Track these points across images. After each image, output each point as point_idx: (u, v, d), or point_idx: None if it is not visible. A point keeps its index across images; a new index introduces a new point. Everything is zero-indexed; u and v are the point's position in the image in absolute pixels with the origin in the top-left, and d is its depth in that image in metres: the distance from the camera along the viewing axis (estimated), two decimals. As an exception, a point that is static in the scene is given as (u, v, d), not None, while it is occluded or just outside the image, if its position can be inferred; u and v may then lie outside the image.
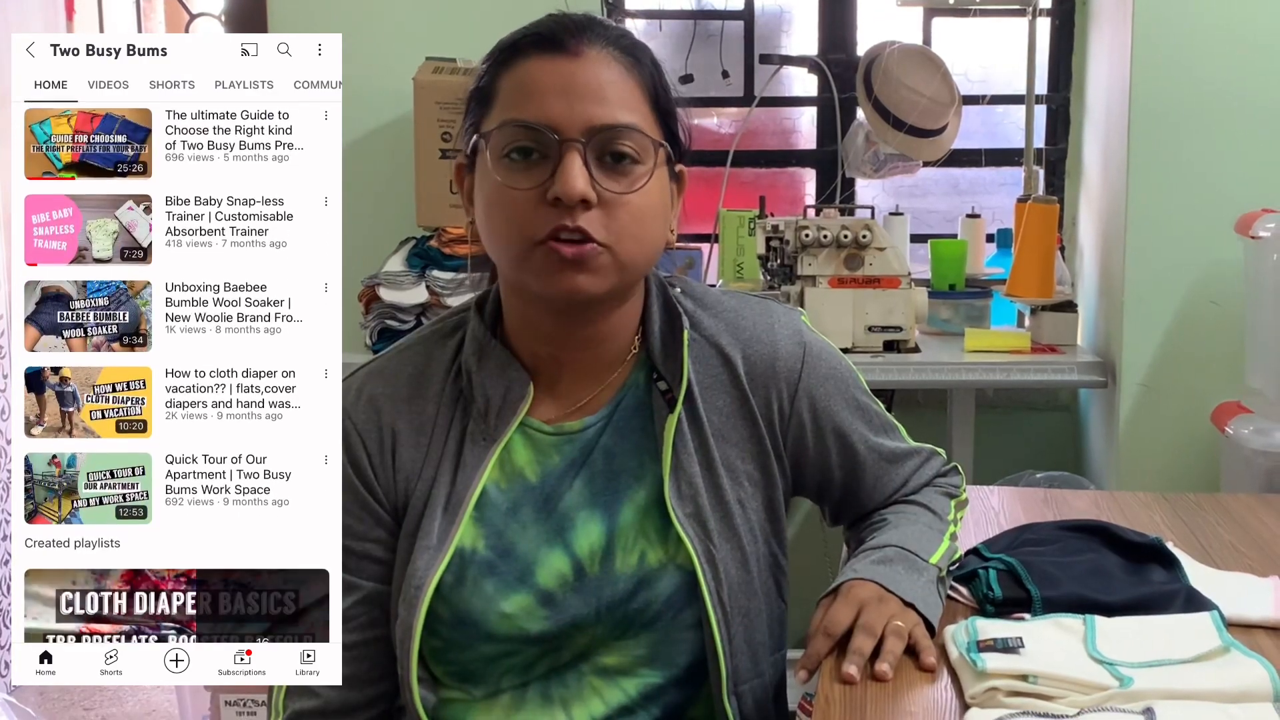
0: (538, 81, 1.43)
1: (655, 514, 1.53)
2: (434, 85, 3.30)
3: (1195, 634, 1.46)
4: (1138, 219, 3.30)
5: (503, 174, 1.43)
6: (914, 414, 3.83)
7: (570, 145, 1.41)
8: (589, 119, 1.42)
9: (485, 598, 1.49)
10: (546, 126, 1.41)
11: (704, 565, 1.51)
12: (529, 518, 1.53)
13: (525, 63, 1.45)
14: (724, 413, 1.58)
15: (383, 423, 1.53)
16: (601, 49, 1.45)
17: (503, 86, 1.46)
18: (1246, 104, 3.26)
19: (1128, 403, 3.36)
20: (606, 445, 1.56)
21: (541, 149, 1.42)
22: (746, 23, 3.99)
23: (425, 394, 1.54)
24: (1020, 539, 1.80)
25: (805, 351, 1.63)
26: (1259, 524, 2.04)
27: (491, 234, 1.47)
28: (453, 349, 1.57)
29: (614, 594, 1.52)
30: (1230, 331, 3.25)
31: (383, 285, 3.26)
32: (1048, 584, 1.60)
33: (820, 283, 3.34)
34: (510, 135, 1.43)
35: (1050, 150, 3.94)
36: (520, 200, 1.42)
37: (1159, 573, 1.70)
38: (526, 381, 1.53)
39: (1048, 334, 3.50)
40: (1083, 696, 1.33)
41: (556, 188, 1.40)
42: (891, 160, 3.79)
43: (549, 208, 1.41)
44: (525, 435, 1.54)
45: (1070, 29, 3.89)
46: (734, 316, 1.62)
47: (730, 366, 1.58)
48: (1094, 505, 2.11)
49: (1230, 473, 3.13)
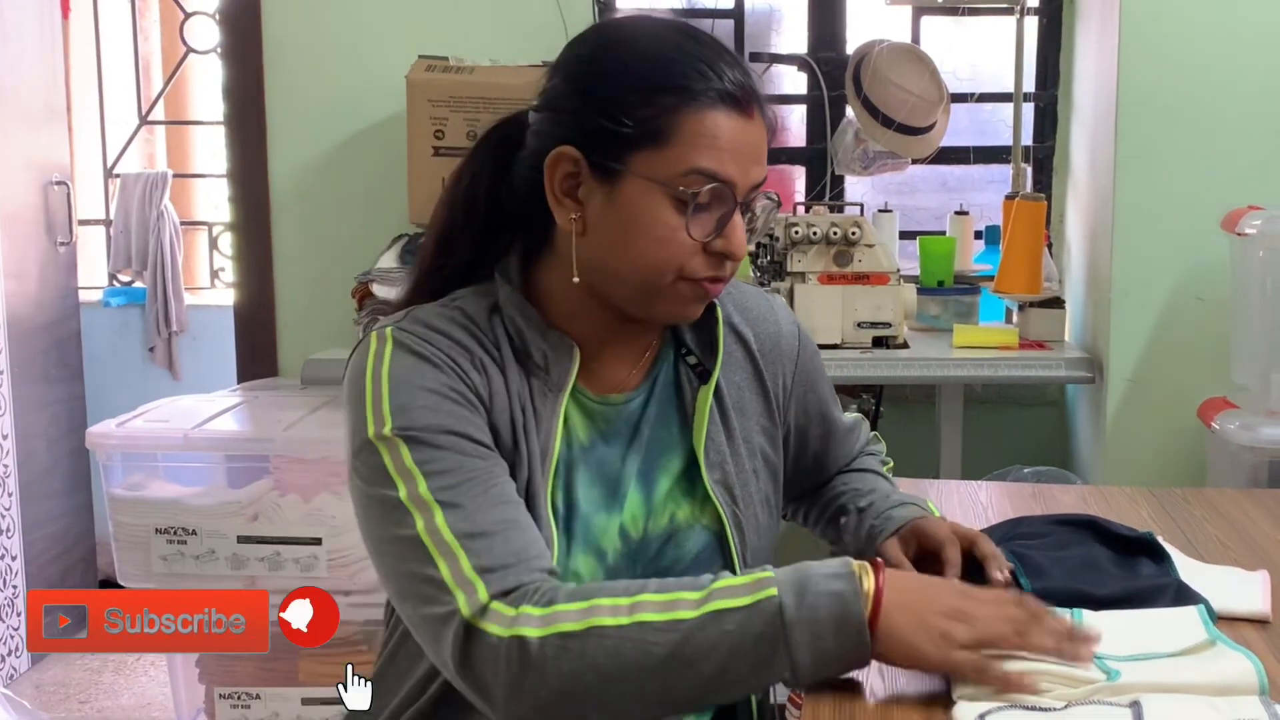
0: (724, 138, 1.47)
1: (684, 481, 1.62)
2: (426, 83, 3.31)
3: (1182, 628, 1.47)
4: (1125, 216, 3.32)
5: (673, 217, 1.47)
6: (903, 409, 3.85)
7: (739, 207, 1.49)
8: (752, 180, 1.50)
9: (562, 550, 1.53)
10: (731, 185, 1.47)
11: (733, 529, 1.60)
12: (584, 478, 1.57)
13: (713, 114, 1.47)
14: (741, 387, 1.68)
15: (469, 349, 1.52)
16: (760, 114, 1.51)
17: (684, 129, 1.46)
18: (1233, 102, 3.29)
19: (1115, 398, 3.38)
20: (650, 418, 1.62)
21: (715, 201, 1.47)
22: (736, 21, 3.99)
23: (484, 340, 1.54)
24: (1013, 532, 1.82)
25: (799, 331, 1.77)
26: (1245, 518, 2.05)
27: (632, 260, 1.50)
28: (488, 308, 1.57)
29: (647, 555, 1.59)
30: (1216, 327, 3.27)
31: (376, 281, 3.27)
32: (1039, 577, 1.62)
33: (810, 279, 3.36)
34: (698, 184, 1.46)
35: (1038, 148, 3.96)
36: (687, 245, 1.48)
37: (1149, 566, 1.72)
38: (570, 342, 1.57)
39: (1035, 330, 3.52)
40: (1070, 690, 1.34)
41: (728, 246, 1.49)
42: (880, 158, 3.80)
43: (707, 255, 1.49)
44: (574, 399, 1.58)
45: (1058, 27, 3.92)
46: (738, 300, 1.73)
47: (745, 344, 1.70)
48: (1081, 500, 2.13)
49: (1216, 468, 3.15)
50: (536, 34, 3.62)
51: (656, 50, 1.50)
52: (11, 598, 4.09)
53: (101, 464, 3.19)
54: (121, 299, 5.52)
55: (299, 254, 3.83)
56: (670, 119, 1.46)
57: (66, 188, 4.50)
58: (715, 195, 1.46)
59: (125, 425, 3.22)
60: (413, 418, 1.44)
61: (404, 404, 1.45)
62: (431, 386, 1.46)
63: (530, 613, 1.34)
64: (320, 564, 3.05)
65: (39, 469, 4.29)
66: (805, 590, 1.33)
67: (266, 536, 3.07)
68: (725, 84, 1.47)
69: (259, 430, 3.22)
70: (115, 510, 3.13)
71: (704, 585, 1.35)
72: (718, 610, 1.32)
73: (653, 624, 1.32)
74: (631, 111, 1.47)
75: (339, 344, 3.56)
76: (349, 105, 3.73)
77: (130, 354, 5.47)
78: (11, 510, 4.08)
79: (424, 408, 1.45)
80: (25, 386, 4.21)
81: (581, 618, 1.33)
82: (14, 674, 4.06)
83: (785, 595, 1.32)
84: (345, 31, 3.73)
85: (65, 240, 4.52)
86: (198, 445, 3.15)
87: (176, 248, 5.48)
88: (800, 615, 1.31)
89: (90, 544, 4.62)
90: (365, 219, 3.69)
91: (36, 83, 4.39)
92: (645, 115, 1.46)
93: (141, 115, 5.76)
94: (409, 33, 3.67)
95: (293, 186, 3.80)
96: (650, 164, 1.46)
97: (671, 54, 1.49)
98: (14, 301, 4.18)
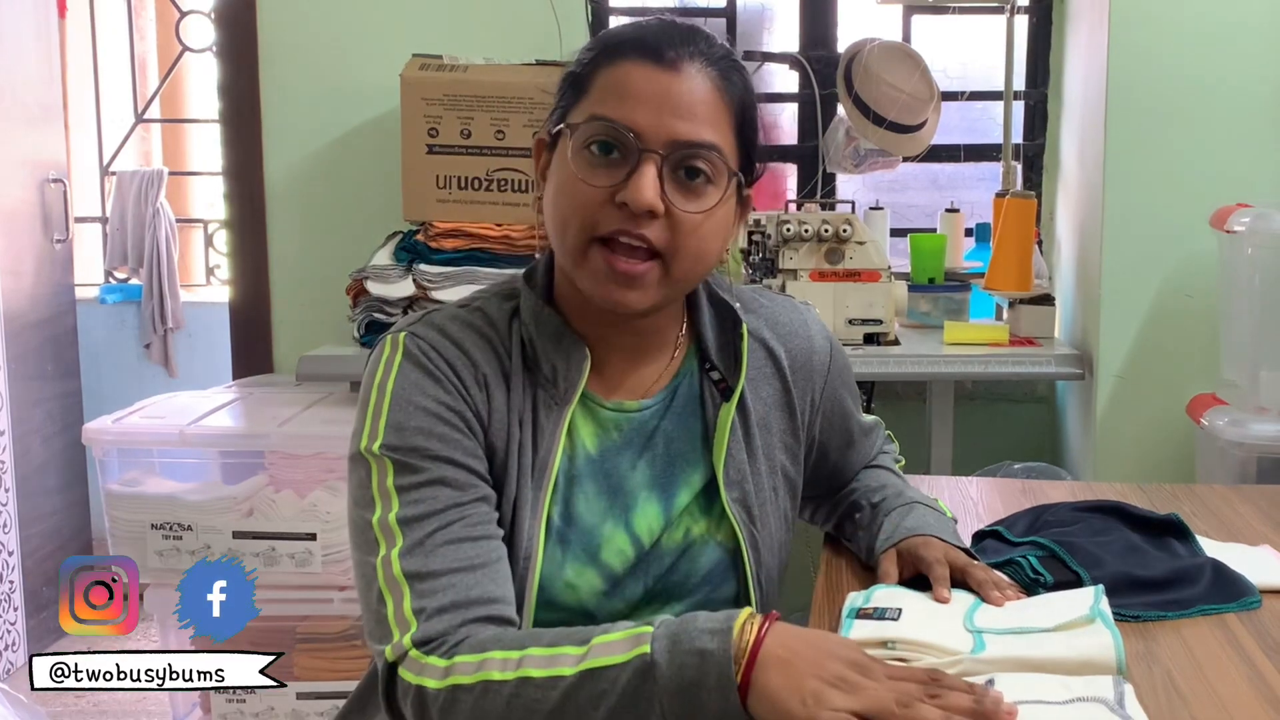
0: (632, 86, 1.46)
1: (703, 497, 1.61)
2: (421, 82, 3.32)
3: (1067, 606, 1.49)
4: (1114, 213, 3.33)
5: (579, 166, 1.46)
6: (894, 406, 3.87)
7: (649, 154, 1.44)
8: (672, 132, 1.45)
9: (555, 563, 1.54)
10: (630, 130, 1.44)
11: (748, 548, 1.60)
12: (591, 489, 1.57)
13: (624, 64, 1.47)
14: (768, 403, 1.67)
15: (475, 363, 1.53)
16: (701, 66, 1.48)
17: (598, 82, 1.48)
18: (1221, 99, 3.29)
19: (1104, 395, 3.39)
20: (667, 430, 1.62)
21: (622, 151, 1.45)
22: (729, 20, 4.02)
23: (498, 350, 1.55)
24: (1040, 520, 1.84)
25: (831, 346, 1.76)
26: (1233, 514, 2.06)
27: (555, 220, 1.50)
28: (509, 312, 1.59)
29: (660, 568, 1.59)
30: (1205, 324, 3.29)
31: (370, 279, 3.28)
32: (1093, 564, 1.64)
33: (801, 276, 3.37)
34: (594, 130, 1.46)
35: (1028, 145, 3.98)
36: (590, 195, 1.45)
37: (1180, 547, 1.75)
38: (584, 350, 1.57)
39: (1026, 327, 3.53)
40: (935, 660, 1.37)
41: (627, 193, 1.44)
42: (871, 155, 3.82)
43: (615, 209, 1.45)
44: (584, 406, 1.59)
45: (1048, 26, 3.93)
46: (770, 314, 1.71)
47: (775, 360, 1.68)
48: (1071, 495, 2.11)
49: (1205, 464, 3.16)
50: (530, 33, 3.63)
51: (613, 29, 1.54)
52: (8, 593, 4.10)
53: (97, 460, 3.21)
54: (117, 296, 5.53)
55: (294, 251, 3.85)
56: (589, 72, 1.49)
57: (63, 185, 4.51)
58: (618, 140, 1.45)
59: (121, 421, 3.23)
60: (404, 438, 1.46)
61: (400, 423, 1.47)
62: (430, 407, 1.47)
63: (435, 664, 1.36)
64: (315, 559, 3.07)
65: (35, 465, 4.30)
66: (677, 648, 1.29)
67: (261, 532, 3.08)
68: (650, 42, 1.47)
69: (254, 426, 3.23)
70: (111, 506, 3.15)
71: (587, 640, 1.34)
72: (594, 668, 1.30)
73: (535, 680, 1.32)
74: (567, 77, 1.52)
75: (334, 341, 3.57)
76: (344, 103, 3.74)
77: (126, 350, 5.48)
78: (8, 506, 4.10)
79: (417, 429, 1.47)
80: (21, 383, 4.22)
81: (474, 671, 1.34)
82: (10, 668, 4.07)
83: (659, 654, 1.29)
84: (340, 30, 3.74)
85: (61, 237, 4.53)
86: (193, 441, 3.17)
87: (172, 245, 5.50)
88: (669, 674, 1.28)
89: (86, 539, 4.63)
90: (360, 216, 3.70)
91: (33, 81, 4.40)
92: (574, 74, 1.51)
93: (137, 113, 5.77)
94: (403, 31, 3.69)
95: (288, 184, 3.81)
96: (570, 117, 1.49)
97: (623, 29, 1.52)
98: (10, 298, 4.19)
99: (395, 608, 1.40)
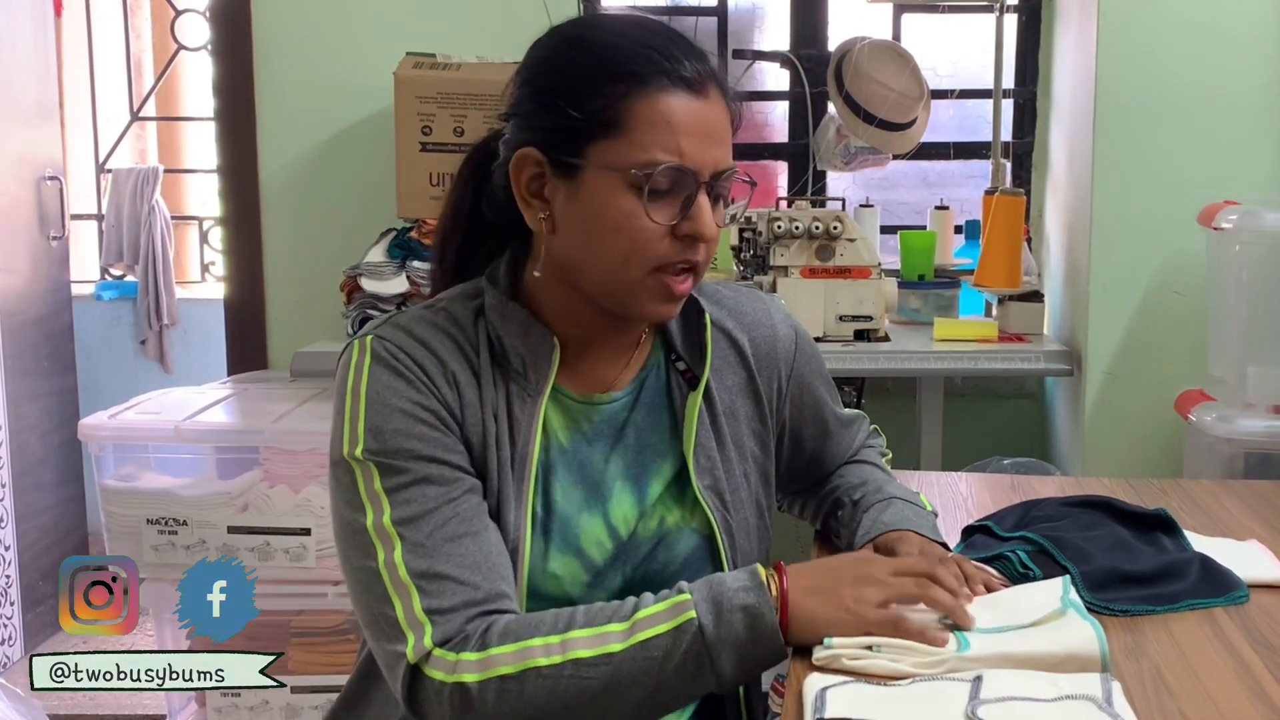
0: (676, 121, 1.48)
1: (675, 486, 1.64)
2: (414, 80, 3.34)
3: (1041, 599, 1.50)
4: (1103, 211, 3.35)
5: (633, 204, 1.47)
6: (883, 402, 3.89)
7: (702, 188, 1.49)
8: (716, 162, 1.50)
9: (539, 554, 1.56)
10: (691, 170, 1.48)
11: (723, 534, 1.63)
12: (566, 480, 1.60)
13: (661, 96, 1.48)
14: (733, 392, 1.70)
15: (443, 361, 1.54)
16: (716, 89, 1.52)
17: (637, 117, 1.47)
18: (1209, 98, 3.31)
19: (1093, 390, 3.41)
20: (637, 422, 1.65)
21: (678, 186, 1.48)
22: (720, 18, 4.03)
23: (464, 348, 1.57)
24: (1028, 515, 1.84)
25: (796, 335, 1.79)
26: (1221, 509, 2.07)
27: (601, 253, 1.51)
28: (474, 310, 1.60)
29: (637, 557, 1.61)
30: (1193, 321, 3.31)
31: (364, 275, 3.29)
32: (1081, 559, 1.65)
33: (792, 273, 3.38)
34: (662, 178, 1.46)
35: (1017, 143, 3.99)
36: (653, 231, 1.48)
37: (1168, 541, 1.76)
38: (552, 340, 1.59)
39: (1015, 323, 3.55)
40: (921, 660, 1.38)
41: (695, 227, 1.49)
42: (862, 153, 3.84)
43: (675, 241, 1.49)
44: (555, 400, 1.61)
45: (1037, 25, 3.95)
46: (734, 304, 1.74)
47: (739, 349, 1.71)
48: (1060, 491, 2.12)
49: (1193, 459, 3.18)
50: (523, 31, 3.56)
51: (607, 42, 1.52)
52: (4, 588, 4.12)
53: (93, 455, 3.22)
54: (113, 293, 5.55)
55: (289, 248, 3.85)
56: (622, 107, 1.47)
57: (59, 183, 4.53)
58: (675, 179, 1.47)
59: (117, 417, 3.24)
60: (384, 441, 1.49)
61: (378, 426, 1.49)
62: (405, 408, 1.49)
63: (468, 659, 1.39)
64: (309, 554, 3.08)
65: (31, 461, 4.32)
66: (720, 608, 1.40)
67: (256, 527, 3.10)
68: (676, 67, 1.49)
69: (249, 422, 3.25)
70: (107, 501, 3.16)
71: (628, 615, 1.42)
72: (644, 639, 1.39)
73: (585, 659, 1.39)
74: (581, 104, 1.49)
75: (328, 337, 3.58)
76: (338, 101, 3.75)
77: (122, 347, 5.50)
78: (4, 501, 4.11)
79: (396, 431, 1.49)
80: (18, 379, 4.24)
81: (517, 660, 1.39)
82: (7, 662, 4.09)
83: (703, 616, 1.40)
84: (334, 28, 3.75)
85: (58, 235, 4.54)
86: (188, 437, 3.18)
87: (167, 242, 5.51)
88: (719, 633, 1.39)
89: (82, 535, 4.65)
90: (354, 213, 3.71)
91: (29, 79, 4.41)
92: (596, 106, 1.48)
93: (133, 111, 5.79)
94: (397, 30, 3.70)
95: (282, 181, 3.83)
96: (607, 154, 1.48)
97: (622, 44, 1.51)
98: (6, 295, 4.21)
99: (405, 609, 1.43)
